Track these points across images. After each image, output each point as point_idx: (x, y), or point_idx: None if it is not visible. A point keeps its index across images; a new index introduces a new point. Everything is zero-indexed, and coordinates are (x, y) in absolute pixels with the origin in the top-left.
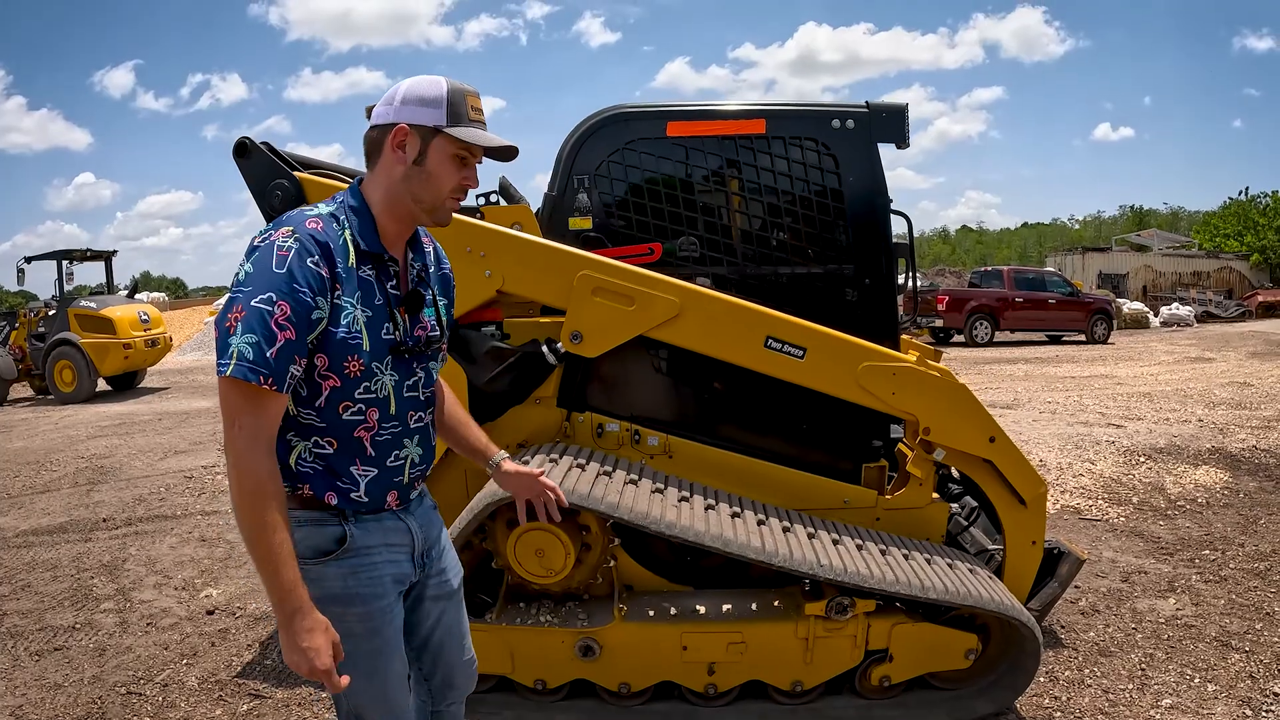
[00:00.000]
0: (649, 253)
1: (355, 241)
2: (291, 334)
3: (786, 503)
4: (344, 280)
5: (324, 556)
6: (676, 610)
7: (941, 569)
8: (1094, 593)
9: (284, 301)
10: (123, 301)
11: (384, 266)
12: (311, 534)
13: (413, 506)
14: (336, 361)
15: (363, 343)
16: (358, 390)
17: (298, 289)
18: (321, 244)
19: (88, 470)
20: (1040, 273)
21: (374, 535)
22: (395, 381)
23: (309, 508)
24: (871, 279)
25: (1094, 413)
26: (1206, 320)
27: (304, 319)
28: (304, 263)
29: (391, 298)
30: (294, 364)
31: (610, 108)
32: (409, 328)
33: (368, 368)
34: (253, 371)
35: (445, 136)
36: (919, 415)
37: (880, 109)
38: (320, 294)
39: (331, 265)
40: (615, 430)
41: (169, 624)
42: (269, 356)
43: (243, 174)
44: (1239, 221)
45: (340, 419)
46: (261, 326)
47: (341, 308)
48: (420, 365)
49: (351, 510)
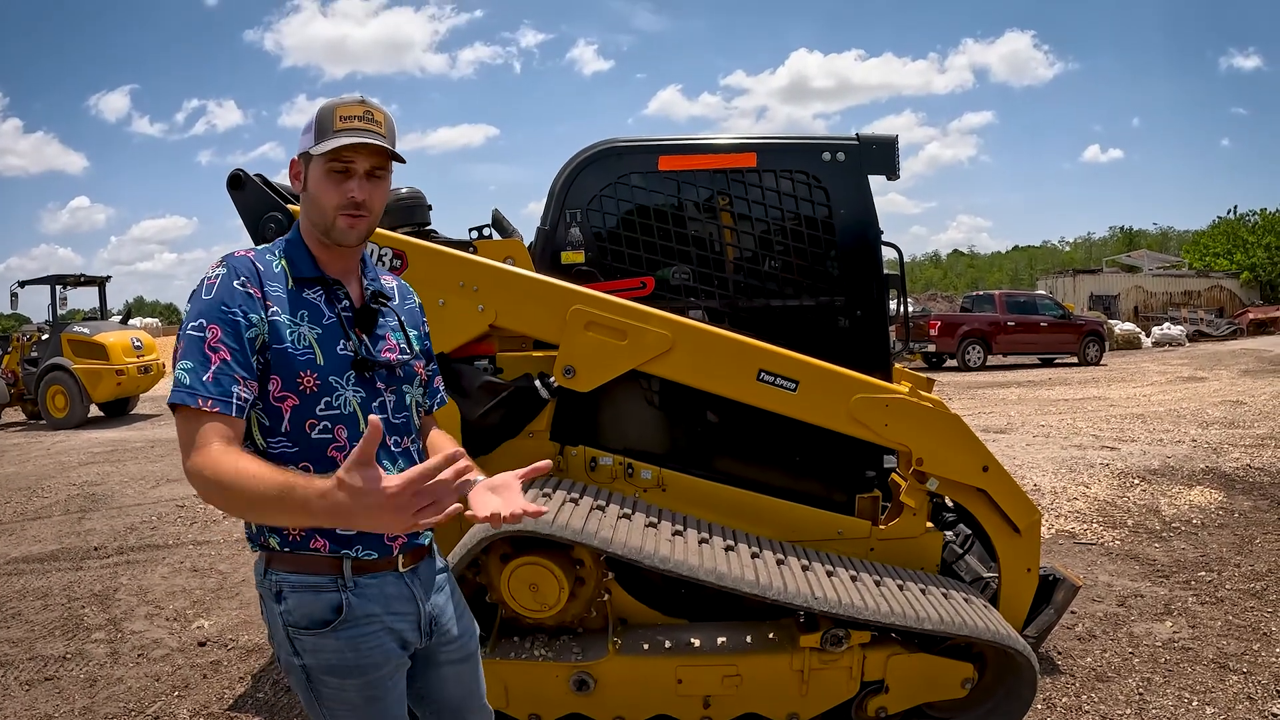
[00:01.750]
0: (641, 286)
1: (290, 268)
2: (226, 354)
3: (780, 535)
4: (280, 300)
5: (322, 627)
6: (671, 643)
7: (936, 599)
8: (1090, 618)
9: (214, 325)
10: (116, 327)
11: (330, 289)
12: (307, 602)
13: (421, 570)
14: (290, 379)
15: (315, 357)
16: (319, 406)
17: (225, 310)
18: (251, 268)
19: (79, 497)
20: (1032, 296)
21: (374, 602)
22: (361, 399)
23: (301, 569)
24: (863, 310)
25: (1087, 435)
26: (1198, 339)
27: (237, 337)
28: (230, 284)
29: (344, 318)
30: (237, 384)
31: (602, 142)
32: (371, 347)
33: (324, 382)
34: (190, 395)
35: (315, 157)
36: (912, 446)
37: (870, 141)
38: (250, 311)
39: (261, 285)
40: (609, 464)
41: (160, 655)
42: (205, 380)
43: (236, 206)
44: (1228, 240)
45: (310, 438)
46: (196, 352)
47: (285, 325)
48: (390, 388)
49: (348, 552)
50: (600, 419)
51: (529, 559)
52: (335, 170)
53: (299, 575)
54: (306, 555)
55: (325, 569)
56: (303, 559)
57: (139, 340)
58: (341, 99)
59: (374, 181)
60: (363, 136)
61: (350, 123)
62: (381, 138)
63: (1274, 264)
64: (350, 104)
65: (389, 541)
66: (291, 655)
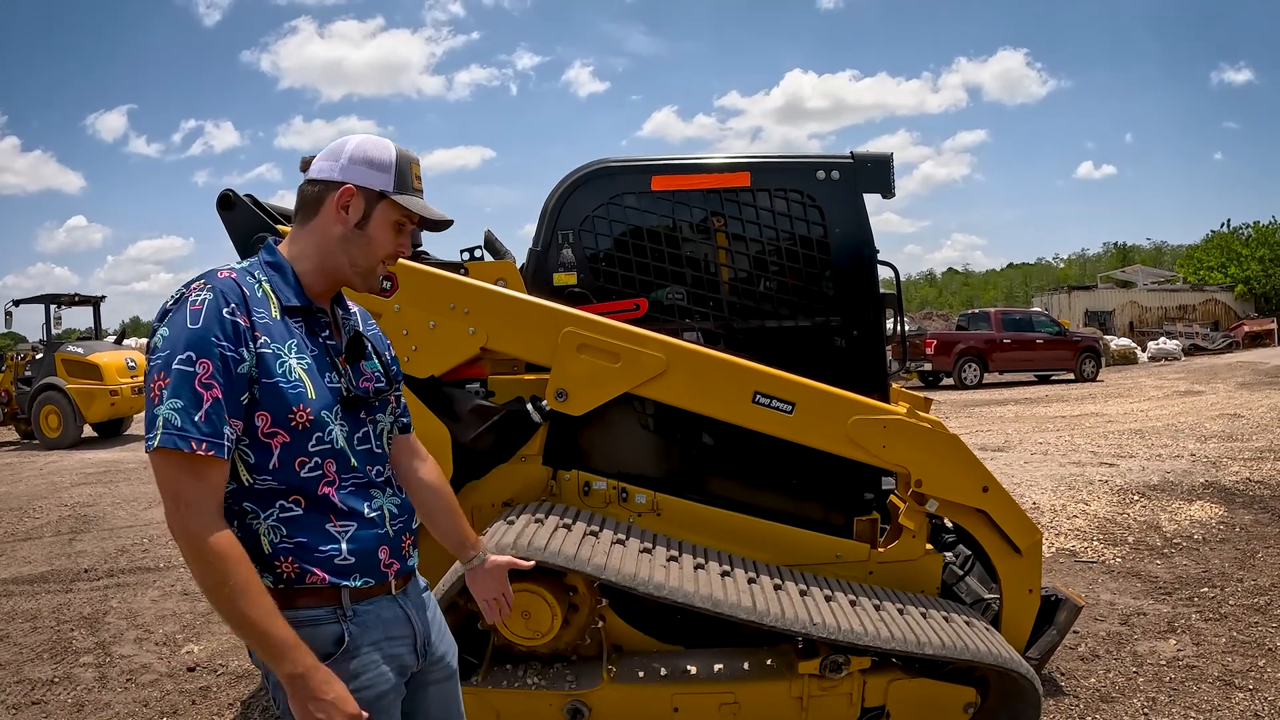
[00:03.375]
0: (634, 308)
1: (275, 295)
2: (219, 392)
3: (777, 559)
4: (269, 329)
5: (324, 660)
6: (667, 671)
7: (937, 622)
8: (1093, 637)
9: (205, 359)
10: (110, 347)
11: (314, 318)
12: (307, 636)
13: (409, 590)
14: (280, 415)
15: (306, 391)
16: (310, 443)
17: (217, 343)
18: (239, 293)
19: (70, 519)
20: (1027, 313)
21: (374, 630)
22: (347, 433)
23: (299, 604)
24: (859, 330)
25: (1086, 452)
26: (1194, 353)
27: (229, 374)
28: (220, 313)
29: (329, 348)
30: (227, 425)
31: (595, 162)
32: (354, 378)
33: (317, 417)
34: (182, 438)
35: (390, 203)
36: (911, 468)
37: (865, 159)
38: (241, 345)
39: (250, 313)
40: (602, 488)
41: (149, 680)
42: (198, 420)
43: (226, 226)
44: (1222, 253)
45: (299, 476)
46: (186, 389)
47: (274, 356)
48: (370, 417)
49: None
50: (593, 443)
51: (521, 586)
52: (399, 222)
53: (295, 611)
54: (303, 590)
55: (323, 601)
56: (300, 594)
57: (133, 360)
58: (411, 153)
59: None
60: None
61: (420, 184)
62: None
63: (1268, 276)
64: (417, 162)
65: (384, 568)
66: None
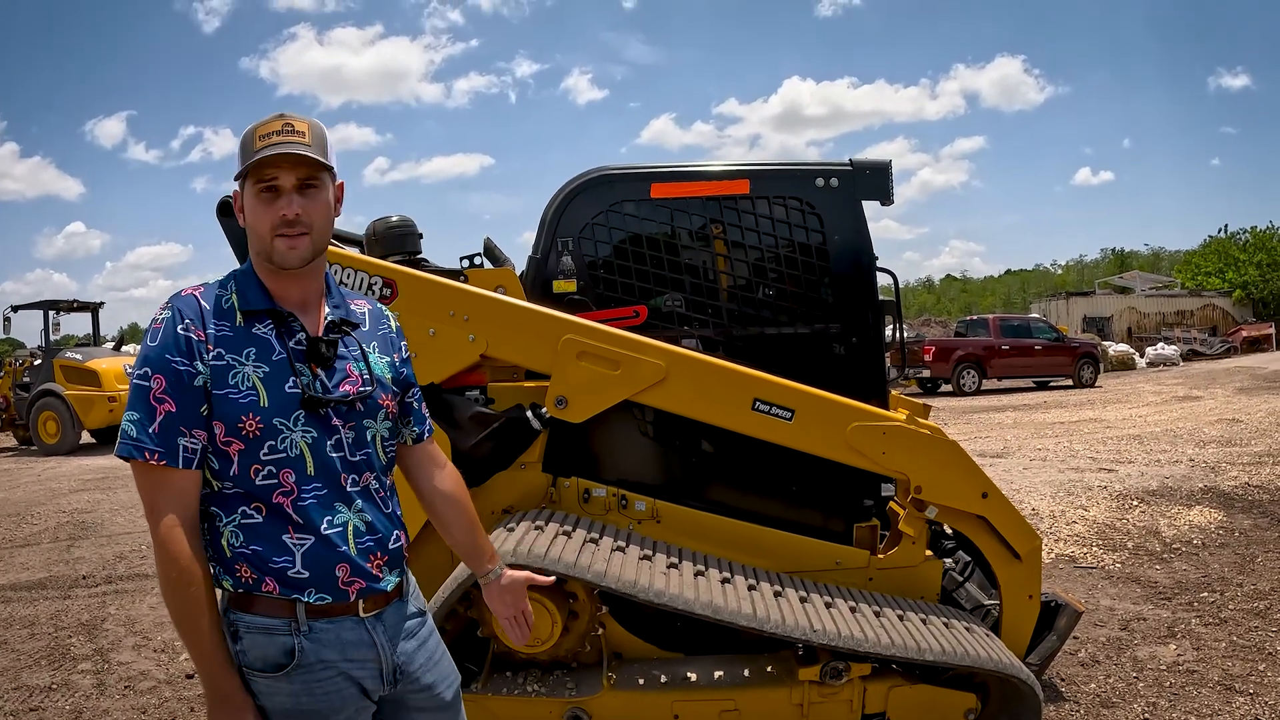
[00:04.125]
0: (634, 315)
1: (240, 301)
2: (171, 405)
3: (777, 566)
4: (224, 340)
5: (275, 671)
6: (667, 678)
7: (937, 628)
8: (1093, 643)
9: (159, 374)
10: (108, 354)
11: (284, 323)
12: (260, 643)
13: (387, 614)
14: (231, 424)
15: (258, 399)
16: (262, 451)
17: (170, 359)
18: (196, 308)
19: (69, 525)
20: (1025, 319)
21: (330, 649)
22: (312, 440)
23: (256, 610)
24: (858, 337)
25: (1084, 458)
26: (1192, 358)
27: (183, 387)
28: (174, 330)
29: (294, 352)
30: (183, 436)
31: (594, 170)
32: (326, 382)
33: (268, 425)
34: (137, 448)
35: (246, 182)
36: (910, 474)
37: (863, 166)
38: (195, 358)
39: (204, 326)
40: (602, 495)
41: (147, 687)
42: (151, 431)
43: (225, 233)
44: (1220, 259)
45: (255, 484)
46: (142, 402)
47: (228, 367)
48: (348, 424)
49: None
50: (593, 450)
51: None
52: (263, 190)
53: (253, 616)
54: (259, 597)
55: (278, 611)
56: (256, 600)
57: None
58: (262, 120)
59: (308, 195)
60: (281, 148)
61: (269, 140)
62: (306, 147)
63: (1266, 281)
64: (269, 120)
65: (344, 586)
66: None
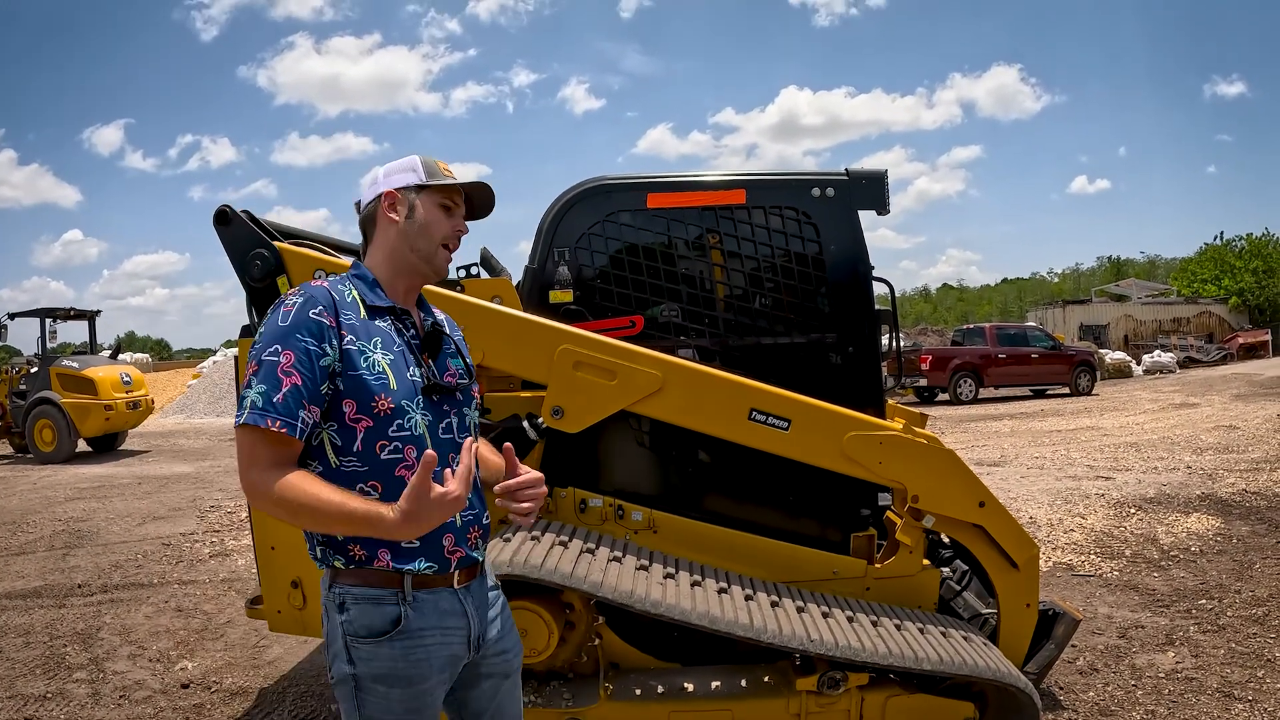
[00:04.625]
0: (630, 325)
1: (362, 299)
2: (298, 379)
3: (774, 575)
4: (355, 328)
5: (378, 637)
6: (664, 688)
7: (935, 638)
8: (1091, 651)
9: (289, 350)
10: (105, 362)
11: (400, 318)
12: (367, 612)
13: (474, 587)
14: (365, 403)
15: (389, 382)
16: (391, 428)
17: (301, 338)
18: (328, 297)
19: (64, 533)
20: (1022, 328)
21: (429, 617)
22: (429, 422)
23: (365, 582)
24: (855, 346)
25: (1082, 466)
26: (1189, 366)
27: (310, 365)
28: (306, 314)
29: (412, 344)
30: (304, 409)
31: (590, 179)
32: (437, 371)
33: (398, 406)
34: (261, 416)
35: (429, 189)
36: (907, 483)
37: (860, 176)
38: (324, 341)
39: (337, 315)
40: (598, 505)
41: (142, 697)
42: (275, 401)
43: (223, 242)
44: (1216, 266)
45: (379, 459)
46: (269, 376)
47: (360, 352)
48: (453, 410)
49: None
50: (590, 460)
51: (518, 603)
52: (445, 206)
53: (362, 588)
54: (370, 571)
55: (387, 583)
56: (366, 574)
57: (128, 376)
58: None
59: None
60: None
61: (450, 175)
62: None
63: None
64: (444, 163)
65: (448, 555)
66: (345, 664)
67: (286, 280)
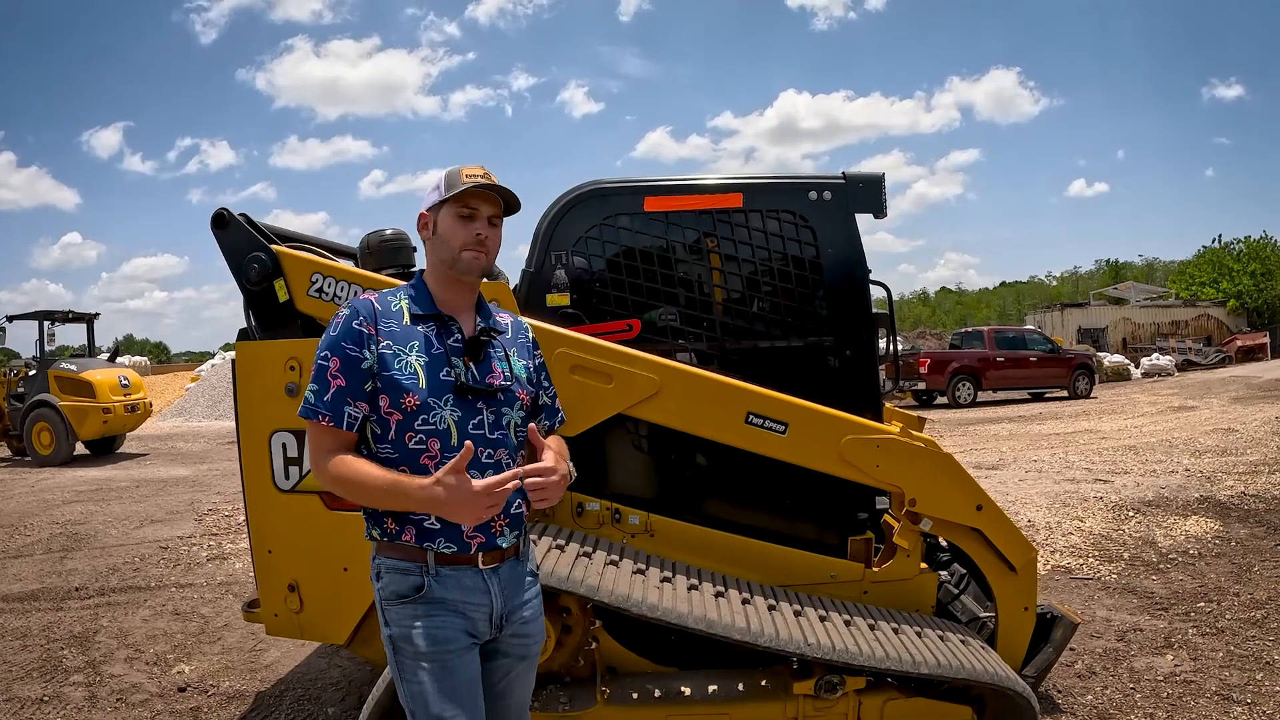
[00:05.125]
0: (627, 329)
1: (409, 306)
2: (343, 381)
3: (772, 579)
4: (393, 334)
5: (403, 599)
6: (661, 692)
7: (932, 641)
8: (1090, 654)
9: (335, 357)
10: (103, 365)
11: (444, 324)
12: (394, 580)
13: (503, 569)
14: (395, 399)
15: (418, 381)
16: (417, 422)
17: (344, 346)
18: (370, 309)
19: (61, 536)
20: (1020, 331)
21: (451, 590)
22: (458, 418)
23: (394, 554)
24: (852, 350)
25: (1080, 469)
26: (1187, 368)
27: (353, 369)
28: (350, 325)
29: (451, 348)
30: (349, 405)
31: (587, 183)
32: (477, 374)
33: (424, 402)
34: (311, 411)
35: (447, 203)
36: (904, 487)
37: (857, 179)
38: (364, 347)
39: (376, 324)
40: (595, 509)
41: (139, 700)
42: (325, 399)
43: (220, 245)
44: (1214, 269)
45: (408, 448)
46: (319, 377)
47: (394, 355)
48: (490, 408)
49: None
50: (586, 464)
51: None
52: (463, 215)
53: (393, 560)
54: (400, 545)
55: (413, 556)
56: (398, 547)
57: (126, 379)
58: (464, 165)
59: (492, 227)
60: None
61: (473, 178)
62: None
63: (1260, 291)
64: (473, 166)
65: (467, 539)
66: (384, 626)
67: (283, 283)
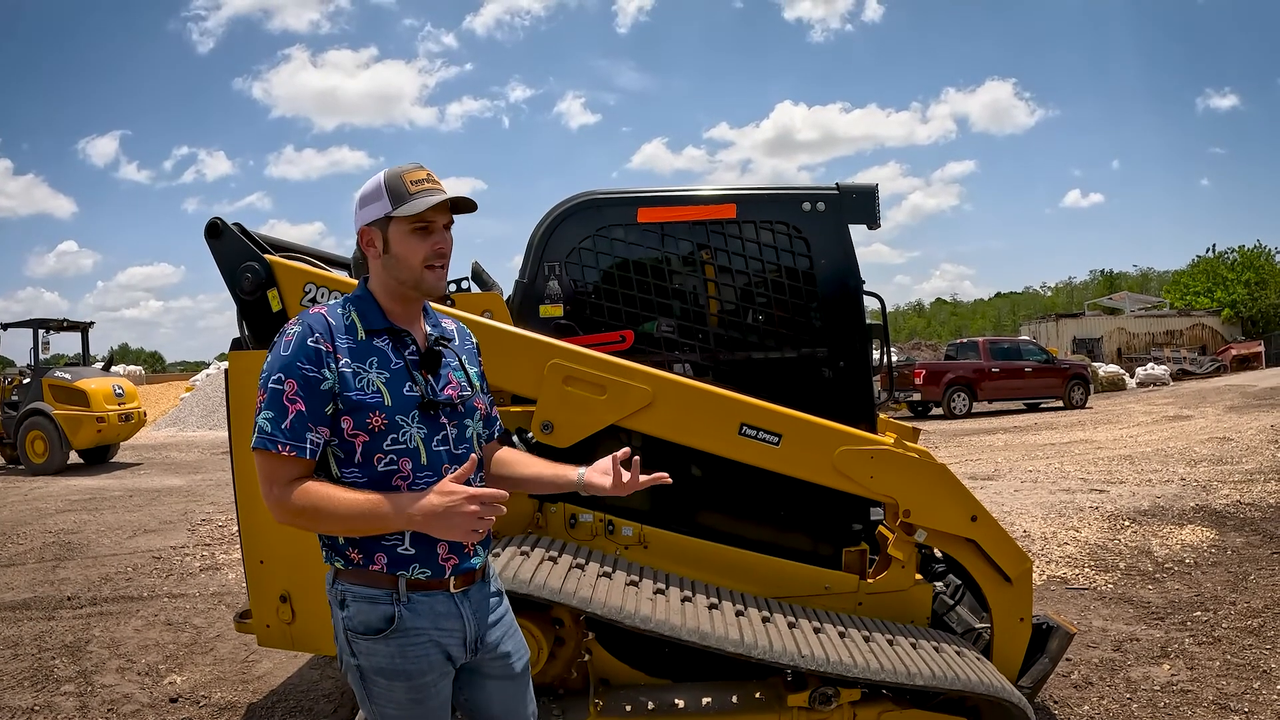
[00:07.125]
0: (621, 340)
1: (361, 321)
2: (302, 405)
3: (766, 591)
4: (351, 351)
5: (375, 634)
6: (654, 704)
7: (927, 652)
8: (1086, 664)
9: (290, 379)
10: (98, 374)
11: (398, 337)
12: (364, 611)
13: (472, 592)
14: (360, 419)
15: (383, 399)
16: (386, 442)
17: (300, 366)
18: (325, 324)
19: (54, 545)
20: (1015, 342)
21: (424, 618)
22: (424, 435)
23: (362, 582)
24: (846, 361)
25: (1075, 479)
26: (1182, 378)
27: (312, 391)
28: (305, 343)
29: (410, 361)
30: (310, 430)
31: (581, 194)
32: (435, 386)
33: (391, 421)
34: (270, 441)
35: (395, 220)
36: (899, 498)
37: (850, 190)
38: (323, 366)
39: (333, 340)
40: (588, 521)
41: (130, 710)
42: (284, 427)
43: (214, 255)
44: (1208, 278)
45: (377, 470)
46: (275, 403)
47: (355, 374)
48: (452, 423)
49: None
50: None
51: None
52: (419, 228)
53: (360, 587)
54: (368, 572)
55: (383, 584)
56: (365, 574)
57: (121, 388)
58: (402, 167)
59: (447, 231)
60: (444, 193)
61: (421, 185)
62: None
63: (1254, 300)
64: (413, 169)
65: (442, 562)
66: (350, 656)
67: (277, 293)
